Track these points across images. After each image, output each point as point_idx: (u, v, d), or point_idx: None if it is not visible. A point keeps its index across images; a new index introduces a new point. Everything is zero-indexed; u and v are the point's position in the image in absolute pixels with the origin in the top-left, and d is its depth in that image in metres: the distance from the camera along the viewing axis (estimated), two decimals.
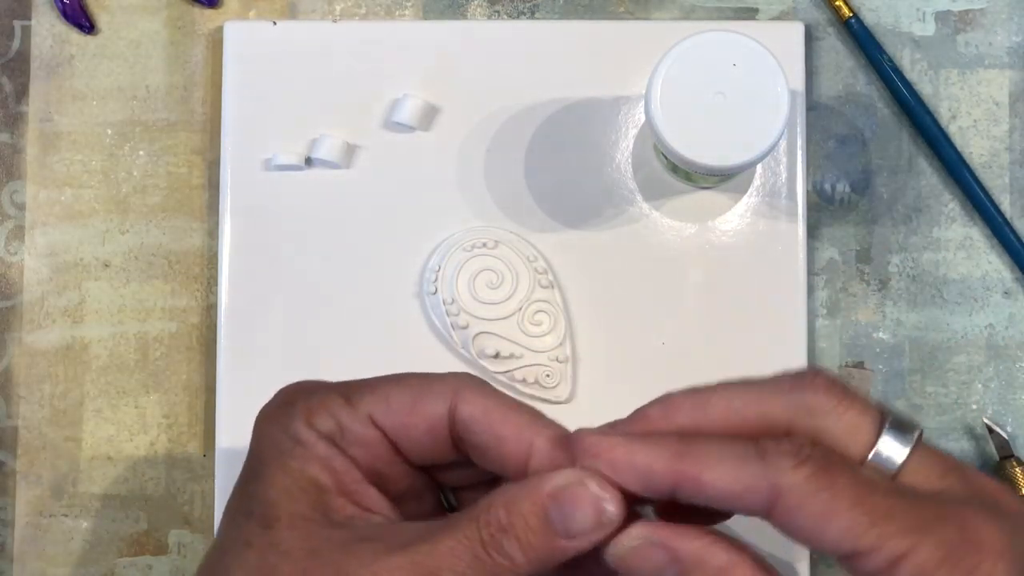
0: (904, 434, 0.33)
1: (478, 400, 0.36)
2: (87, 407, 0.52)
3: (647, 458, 0.33)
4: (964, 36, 0.53)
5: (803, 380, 0.34)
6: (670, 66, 0.44)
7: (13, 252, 0.53)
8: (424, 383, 0.37)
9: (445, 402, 0.36)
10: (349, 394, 0.37)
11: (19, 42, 0.54)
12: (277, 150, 0.51)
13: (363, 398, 0.36)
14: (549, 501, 0.34)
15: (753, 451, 0.32)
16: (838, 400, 0.34)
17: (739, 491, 0.32)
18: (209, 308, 0.53)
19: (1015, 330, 0.52)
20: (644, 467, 0.33)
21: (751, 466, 0.32)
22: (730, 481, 0.32)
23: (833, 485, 0.32)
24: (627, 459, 0.33)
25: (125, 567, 0.52)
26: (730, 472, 0.32)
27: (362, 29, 0.52)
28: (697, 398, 0.35)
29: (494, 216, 0.51)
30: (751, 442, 0.32)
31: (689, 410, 0.35)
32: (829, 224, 0.52)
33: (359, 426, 0.36)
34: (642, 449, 0.33)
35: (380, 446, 0.36)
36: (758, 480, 0.32)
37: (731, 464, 0.32)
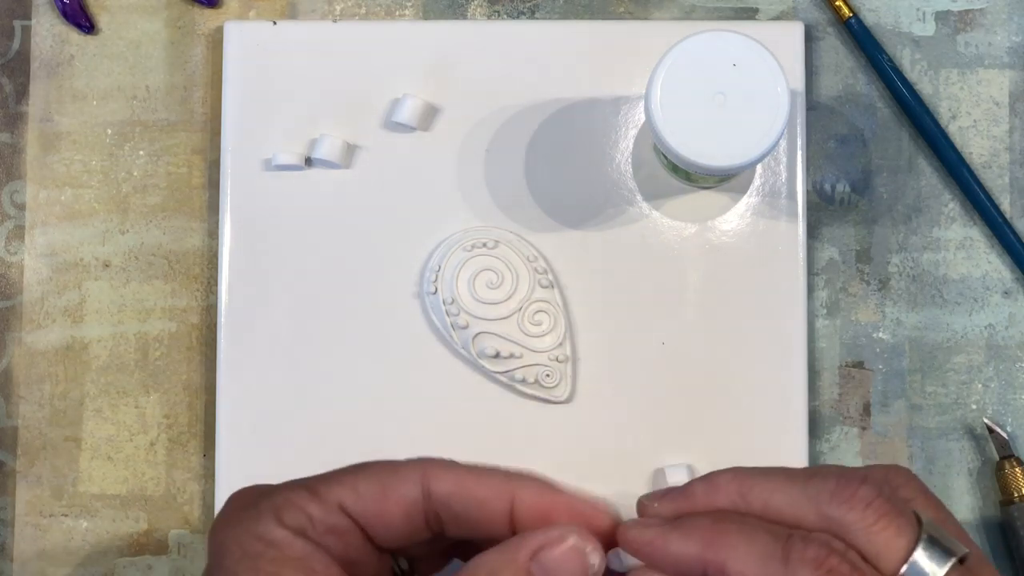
0: (940, 556, 0.33)
1: (448, 474, 0.36)
2: (87, 407, 0.52)
3: (681, 547, 0.34)
4: (964, 36, 0.53)
5: (846, 493, 0.34)
6: (670, 66, 0.44)
7: (13, 252, 0.53)
8: (390, 469, 0.36)
9: (416, 484, 0.36)
10: (314, 487, 0.36)
11: (19, 42, 0.54)
12: (277, 150, 0.51)
13: (330, 488, 0.36)
14: (531, 563, 0.34)
15: (780, 552, 0.33)
16: (875, 519, 0.33)
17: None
18: (209, 308, 0.53)
19: (1015, 330, 0.52)
20: (678, 554, 0.34)
21: (773, 565, 0.33)
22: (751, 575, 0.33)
23: None
24: (663, 549, 0.34)
25: (125, 567, 0.52)
26: (753, 567, 0.33)
27: (362, 29, 0.52)
28: (741, 484, 0.35)
29: (494, 216, 0.51)
30: (781, 537, 0.33)
31: (730, 496, 0.35)
32: (829, 224, 0.52)
33: (330, 516, 0.35)
34: (676, 539, 0.34)
35: (351, 534, 0.36)
36: (786, 572, 0.32)
37: (755, 559, 0.33)
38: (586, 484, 0.50)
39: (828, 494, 0.34)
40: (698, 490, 0.36)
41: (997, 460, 0.50)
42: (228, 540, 0.35)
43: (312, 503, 0.35)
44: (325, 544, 0.35)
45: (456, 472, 0.36)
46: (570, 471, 0.50)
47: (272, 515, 0.35)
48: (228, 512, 0.36)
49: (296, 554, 0.34)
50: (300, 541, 0.34)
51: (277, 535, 0.34)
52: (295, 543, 0.34)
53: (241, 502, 0.36)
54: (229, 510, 0.36)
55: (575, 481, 0.50)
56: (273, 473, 0.51)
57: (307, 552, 0.34)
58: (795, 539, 0.33)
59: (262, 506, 0.35)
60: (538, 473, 0.37)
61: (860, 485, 0.34)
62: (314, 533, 0.35)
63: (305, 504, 0.35)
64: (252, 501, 0.36)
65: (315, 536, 0.35)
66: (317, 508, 0.35)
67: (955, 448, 0.52)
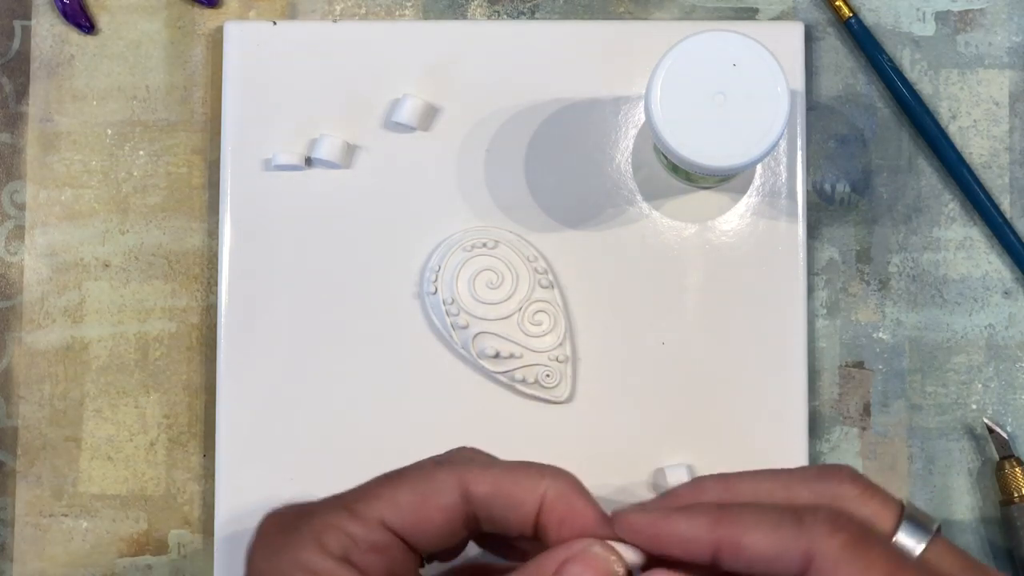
0: (922, 528, 0.35)
1: (486, 476, 0.36)
2: (87, 407, 0.52)
3: (688, 526, 0.34)
4: (964, 36, 0.53)
5: (828, 471, 0.35)
6: (670, 66, 0.44)
7: (13, 252, 0.53)
8: (427, 477, 0.36)
9: (455, 490, 0.36)
10: (352, 506, 0.36)
11: (19, 42, 0.54)
12: (277, 150, 0.51)
13: (369, 505, 0.35)
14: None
15: (790, 517, 0.33)
16: (862, 490, 0.35)
17: (775, 554, 0.33)
18: (209, 308, 0.53)
19: (1015, 330, 0.52)
20: (686, 535, 0.34)
21: (788, 530, 0.33)
22: (767, 544, 0.33)
23: (867, 555, 0.32)
24: (670, 530, 0.34)
25: (125, 567, 0.52)
26: (767, 535, 0.33)
27: (362, 29, 0.52)
28: (726, 482, 0.36)
29: (494, 216, 0.51)
30: (788, 509, 0.33)
31: (717, 491, 0.36)
32: (829, 224, 0.52)
33: (372, 534, 0.35)
34: (683, 519, 0.34)
35: (394, 548, 0.36)
36: (794, 544, 0.33)
37: (768, 528, 0.33)
38: (586, 484, 0.50)
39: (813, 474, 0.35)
40: (682, 491, 0.36)
41: (997, 460, 0.50)
42: (271, 569, 0.35)
43: (353, 523, 0.35)
44: (367, 563, 0.35)
45: (492, 474, 0.36)
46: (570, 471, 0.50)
47: (314, 541, 0.34)
48: (265, 536, 0.36)
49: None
50: (344, 569, 0.34)
51: (321, 566, 0.34)
52: (339, 572, 0.34)
53: (278, 525, 0.36)
54: (266, 534, 0.36)
55: None
56: (273, 473, 0.51)
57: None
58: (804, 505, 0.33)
59: (303, 530, 0.35)
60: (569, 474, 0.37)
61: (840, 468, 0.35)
62: (357, 555, 0.35)
63: (346, 525, 0.35)
64: (291, 524, 0.35)
65: (358, 558, 0.35)
66: (359, 528, 0.35)
67: (955, 448, 0.52)
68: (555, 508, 0.36)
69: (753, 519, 0.33)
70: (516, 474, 0.36)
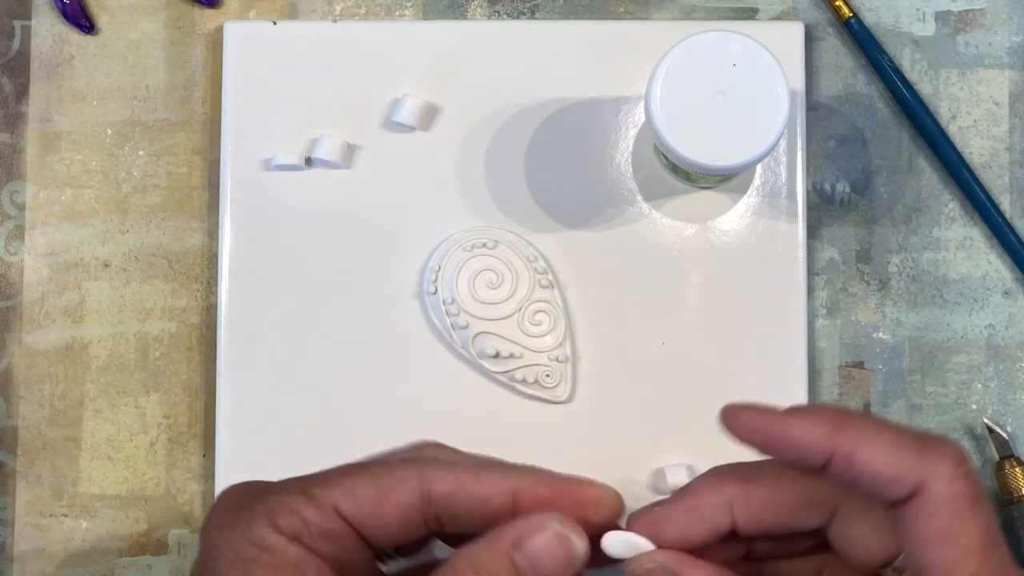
0: None
1: (447, 474, 0.36)
2: (87, 407, 0.52)
3: (805, 431, 0.32)
4: (964, 36, 0.53)
5: (931, 448, 0.33)
6: (670, 66, 0.44)
7: (13, 252, 0.53)
8: (386, 471, 0.36)
9: (414, 487, 0.35)
10: (309, 490, 0.35)
11: (19, 42, 0.54)
12: (277, 150, 0.51)
13: (326, 491, 0.35)
14: (514, 550, 0.34)
15: (913, 443, 0.32)
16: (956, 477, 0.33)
17: (888, 476, 0.31)
18: (209, 308, 0.53)
19: (1015, 330, 0.52)
20: (800, 439, 0.32)
21: (908, 456, 0.31)
22: (884, 463, 0.31)
23: (974, 517, 0.31)
24: (784, 433, 0.33)
25: (125, 567, 0.52)
26: (887, 455, 0.31)
27: (362, 29, 0.52)
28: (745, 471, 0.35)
29: (494, 216, 0.51)
30: (911, 434, 0.32)
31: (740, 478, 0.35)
32: (829, 224, 0.52)
33: (326, 520, 0.35)
34: (800, 423, 0.33)
35: (347, 538, 0.35)
36: (909, 472, 0.31)
37: (888, 448, 0.32)
38: None
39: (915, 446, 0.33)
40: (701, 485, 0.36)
41: (997, 460, 0.50)
42: (221, 542, 0.34)
43: (308, 507, 0.35)
44: (319, 549, 0.34)
45: (455, 472, 0.36)
46: (570, 471, 0.50)
47: (266, 519, 0.34)
48: (221, 511, 0.36)
49: (290, 560, 0.34)
50: (294, 547, 0.34)
51: (271, 540, 0.34)
52: (289, 549, 0.34)
53: (235, 500, 0.36)
54: (222, 509, 0.36)
55: None
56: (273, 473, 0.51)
57: (301, 558, 0.34)
58: (929, 437, 0.32)
59: (256, 508, 0.35)
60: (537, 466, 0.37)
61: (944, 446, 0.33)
62: (309, 538, 0.34)
63: (300, 508, 0.35)
64: (246, 501, 0.35)
65: (309, 541, 0.34)
66: (313, 512, 0.35)
67: None
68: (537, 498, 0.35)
69: (875, 434, 0.32)
70: (480, 472, 0.36)
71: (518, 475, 0.36)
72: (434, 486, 0.35)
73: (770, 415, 0.33)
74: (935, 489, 0.31)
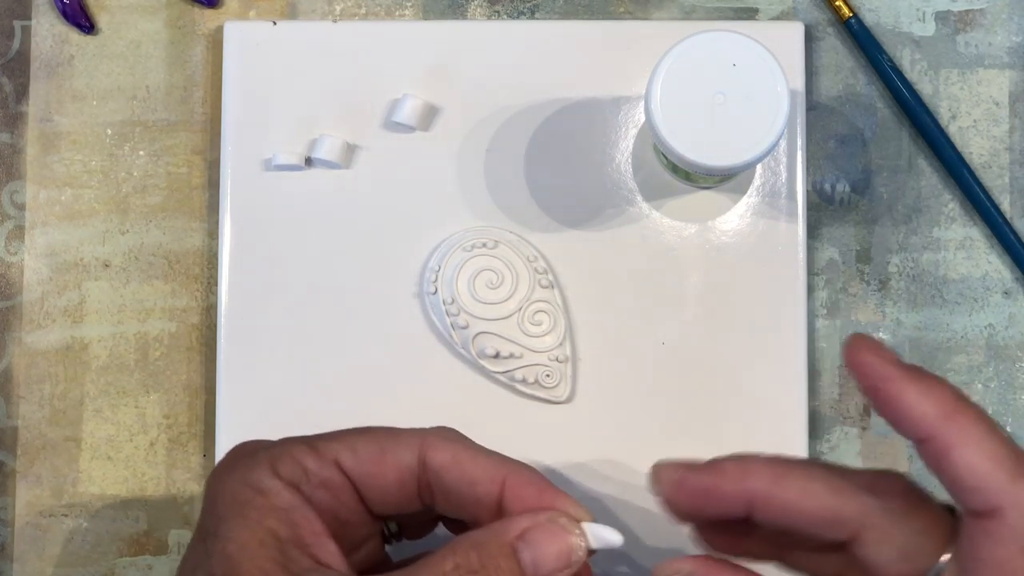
0: None
1: (447, 447, 0.37)
2: (87, 407, 0.52)
3: (917, 403, 0.32)
4: (964, 36, 0.53)
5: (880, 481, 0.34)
6: (670, 66, 0.44)
7: (13, 252, 0.53)
8: (391, 434, 0.37)
9: (414, 451, 0.36)
10: (313, 442, 0.37)
11: (19, 42, 0.54)
12: (277, 150, 0.51)
13: (329, 445, 0.36)
14: (519, 541, 0.34)
15: (1012, 463, 0.31)
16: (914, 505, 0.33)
17: (973, 487, 0.31)
18: (209, 308, 0.53)
19: (1015, 330, 0.52)
20: (910, 409, 0.32)
21: (1001, 474, 0.31)
22: (974, 472, 0.31)
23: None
24: (897, 395, 0.32)
25: (125, 567, 0.52)
26: (980, 464, 0.31)
27: (362, 29, 0.52)
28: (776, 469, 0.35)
29: (494, 216, 0.51)
30: (1014, 451, 0.31)
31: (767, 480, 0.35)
32: (829, 224, 0.52)
33: (325, 470, 0.36)
34: (916, 394, 0.32)
35: (345, 492, 0.36)
36: (996, 492, 0.31)
37: (986, 457, 0.31)
38: (586, 484, 0.50)
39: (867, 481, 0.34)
40: (728, 467, 0.36)
41: None
42: (222, 486, 0.36)
43: (309, 456, 0.36)
44: (317, 498, 0.35)
45: (454, 447, 0.37)
46: (570, 471, 0.50)
47: (268, 465, 0.35)
48: (227, 460, 0.37)
49: (283, 504, 0.35)
50: (289, 492, 0.35)
51: (268, 484, 0.35)
52: (283, 493, 0.35)
53: (241, 451, 0.37)
54: (228, 458, 0.37)
55: (575, 481, 0.50)
56: None
57: (293, 504, 0.35)
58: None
59: (260, 456, 0.36)
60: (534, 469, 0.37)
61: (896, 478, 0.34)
62: (308, 487, 0.35)
63: (302, 457, 0.36)
64: (251, 451, 0.37)
65: (308, 489, 0.35)
66: (313, 461, 0.36)
67: None
68: (522, 495, 0.36)
69: (980, 437, 0.31)
70: (477, 454, 0.37)
71: (511, 469, 0.37)
72: (431, 455, 0.36)
73: (894, 369, 0.32)
74: (1012, 518, 0.31)
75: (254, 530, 0.34)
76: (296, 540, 0.35)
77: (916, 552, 0.33)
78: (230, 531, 0.34)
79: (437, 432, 0.38)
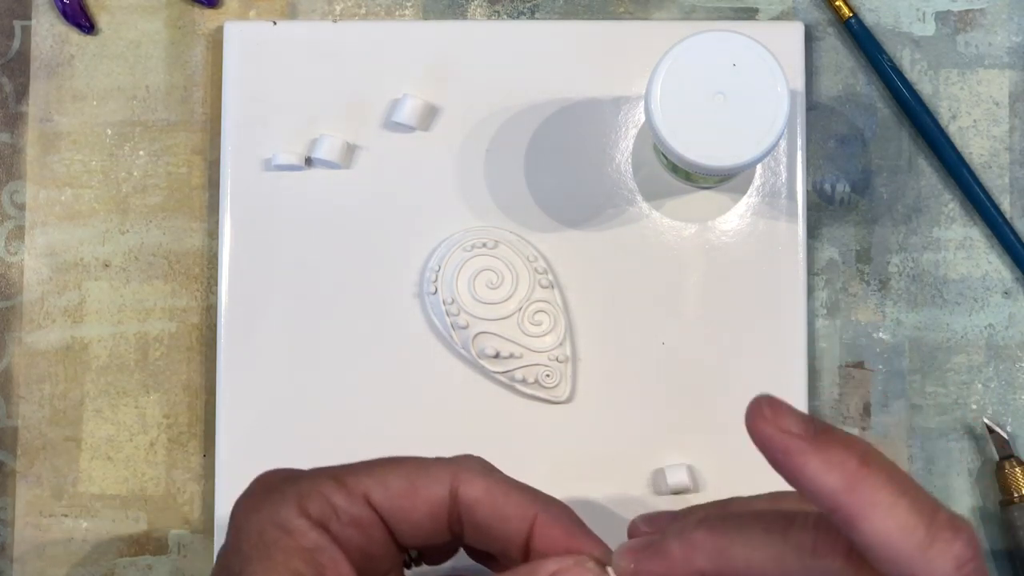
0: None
1: (479, 481, 0.36)
2: (87, 407, 0.52)
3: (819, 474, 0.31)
4: (964, 36, 0.53)
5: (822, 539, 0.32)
6: (670, 66, 0.44)
7: (13, 252, 0.53)
8: (421, 466, 0.36)
9: (445, 485, 0.36)
10: (341, 477, 0.36)
11: (19, 42, 0.54)
12: (277, 150, 0.51)
13: (359, 480, 0.36)
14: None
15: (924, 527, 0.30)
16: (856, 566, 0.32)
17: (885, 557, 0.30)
18: (209, 308, 0.53)
19: (1015, 330, 0.52)
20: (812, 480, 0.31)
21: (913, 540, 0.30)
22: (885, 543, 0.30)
23: None
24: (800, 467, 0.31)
25: (125, 567, 0.52)
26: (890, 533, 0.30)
27: (362, 29, 0.52)
28: (718, 541, 0.33)
29: (494, 216, 0.51)
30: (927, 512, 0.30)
31: (713, 556, 0.33)
32: (829, 224, 0.52)
33: (355, 507, 0.35)
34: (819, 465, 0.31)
35: (375, 528, 0.36)
36: (909, 561, 0.30)
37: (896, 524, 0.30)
38: (586, 484, 0.50)
39: (810, 546, 0.32)
40: (674, 549, 0.34)
41: (997, 460, 0.50)
42: (248, 524, 0.35)
43: (338, 493, 0.35)
44: (346, 536, 0.35)
45: (486, 481, 0.36)
46: (570, 471, 0.50)
47: (295, 502, 0.35)
48: (253, 493, 0.36)
49: (309, 545, 0.34)
50: (315, 532, 0.34)
51: (295, 524, 0.34)
52: (310, 534, 0.34)
53: (268, 484, 0.36)
54: (255, 491, 0.36)
55: (575, 481, 0.50)
56: None
57: (320, 544, 0.34)
58: (941, 523, 0.30)
59: (288, 492, 0.35)
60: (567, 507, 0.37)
61: (837, 536, 0.32)
62: (336, 525, 0.35)
63: (331, 494, 0.35)
64: (277, 485, 0.36)
65: (337, 528, 0.35)
66: (343, 499, 0.35)
67: (955, 448, 0.52)
68: (551, 534, 0.36)
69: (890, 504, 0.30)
70: (510, 489, 0.36)
71: (542, 506, 0.36)
72: (465, 489, 0.36)
73: (793, 441, 0.31)
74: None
75: (279, 572, 0.34)
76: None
77: None
78: (254, 573, 0.34)
79: (468, 464, 0.37)
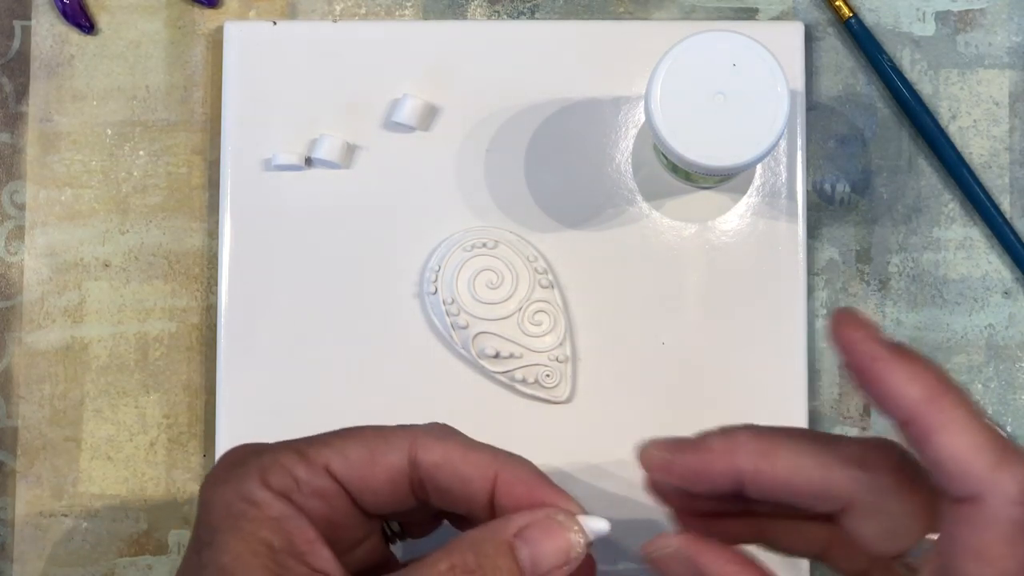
0: None
1: (437, 445, 0.37)
2: (87, 407, 0.52)
3: (901, 383, 0.31)
4: (964, 36, 0.53)
5: (872, 453, 0.33)
6: (670, 66, 0.44)
7: (13, 252, 0.53)
8: (380, 435, 0.37)
9: (403, 452, 0.37)
10: (303, 449, 0.37)
11: (19, 42, 0.54)
12: (277, 150, 0.51)
13: (319, 451, 0.36)
14: (516, 540, 0.34)
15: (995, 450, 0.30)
16: (903, 481, 0.33)
17: (953, 472, 0.30)
18: (209, 308, 0.53)
19: (1015, 330, 0.52)
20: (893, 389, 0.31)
21: (982, 461, 0.30)
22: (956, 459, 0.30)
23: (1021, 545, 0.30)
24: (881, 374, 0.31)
25: (125, 567, 0.52)
26: (962, 450, 0.30)
27: (362, 29, 0.52)
28: (764, 444, 0.35)
29: (494, 216, 0.51)
30: (1000, 437, 0.31)
31: (754, 456, 0.35)
32: (829, 224, 0.52)
33: (316, 479, 0.36)
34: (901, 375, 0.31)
35: (337, 497, 0.36)
36: (976, 480, 0.30)
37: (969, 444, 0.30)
38: (586, 484, 0.50)
39: (856, 455, 0.33)
40: (716, 444, 0.35)
41: None
42: (215, 497, 0.36)
43: (299, 465, 0.36)
44: (310, 506, 0.36)
45: (444, 445, 0.37)
46: (570, 471, 0.50)
47: (258, 475, 0.36)
48: (218, 469, 0.37)
49: (274, 514, 0.35)
50: (280, 503, 0.35)
51: (260, 496, 0.35)
52: (274, 504, 0.35)
53: (232, 459, 0.37)
54: (220, 467, 0.37)
55: (575, 481, 0.50)
56: None
57: (285, 513, 0.35)
58: (1010, 449, 0.31)
59: (251, 465, 0.36)
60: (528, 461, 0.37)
61: (886, 449, 0.33)
62: (299, 495, 0.36)
63: (292, 466, 0.36)
64: (242, 459, 0.37)
65: (300, 499, 0.35)
66: (304, 470, 0.36)
67: None
68: (512, 491, 0.36)
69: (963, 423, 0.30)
70: (468, 451, 0.37)
71: (502, 463, 0.37)
72: (422, 455, 0.36)
73: (880, 348, 0.31)
74: (993, 505, 0.30)
75: (248, 541, 0.34)
76: (290, 549, 0.35)
77: (902, 531, 0.33)
78: (224, 542, 0.34)
79: (427, 430, 0.38)
